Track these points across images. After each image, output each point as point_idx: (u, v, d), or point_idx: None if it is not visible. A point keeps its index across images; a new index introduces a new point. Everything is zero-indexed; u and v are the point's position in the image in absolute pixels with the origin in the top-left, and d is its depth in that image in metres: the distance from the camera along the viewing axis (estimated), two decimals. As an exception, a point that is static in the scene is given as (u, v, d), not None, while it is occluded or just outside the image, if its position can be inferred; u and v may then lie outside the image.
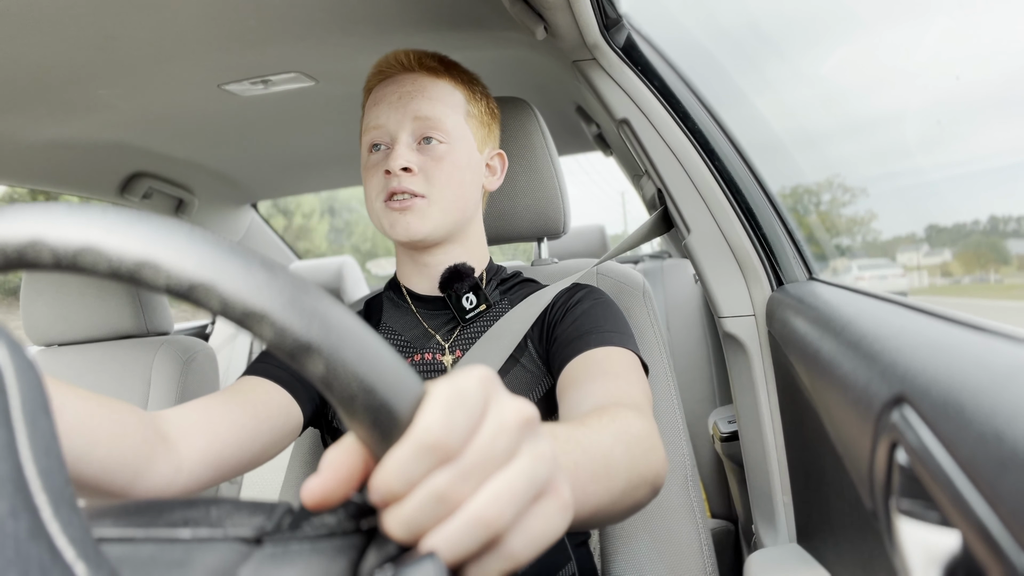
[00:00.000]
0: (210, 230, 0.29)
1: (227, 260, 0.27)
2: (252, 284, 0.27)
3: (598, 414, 0.59)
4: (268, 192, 2.22)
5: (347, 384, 0.28)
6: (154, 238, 0.27)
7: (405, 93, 0.88)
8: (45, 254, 0.26)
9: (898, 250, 5.93)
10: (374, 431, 0.29)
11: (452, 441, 0.29)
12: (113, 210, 0.28)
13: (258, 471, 1.85)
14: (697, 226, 0.96)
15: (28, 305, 1.40)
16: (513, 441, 0.31)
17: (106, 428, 0.56)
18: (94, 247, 0.26)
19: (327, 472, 0.30)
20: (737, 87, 1.53)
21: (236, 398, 0.74)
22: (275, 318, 0.27)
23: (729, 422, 1.42)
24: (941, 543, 0.38)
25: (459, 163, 0.89)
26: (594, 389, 0.71)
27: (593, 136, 1.76)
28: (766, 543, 0.92)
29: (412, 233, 0.86)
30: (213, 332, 2.37)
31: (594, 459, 0.49)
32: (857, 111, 25.84)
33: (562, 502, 0.32)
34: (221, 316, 0.27)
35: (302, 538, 0.30)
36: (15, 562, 0.23)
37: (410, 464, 0.28)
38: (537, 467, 0.31)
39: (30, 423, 0.26)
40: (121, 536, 0.29)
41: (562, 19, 0.87)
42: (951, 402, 0.39)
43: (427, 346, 0.91)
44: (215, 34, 1.00)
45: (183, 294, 0.26)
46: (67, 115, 1.25)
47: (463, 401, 0.30)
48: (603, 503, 0.50)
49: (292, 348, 0.27)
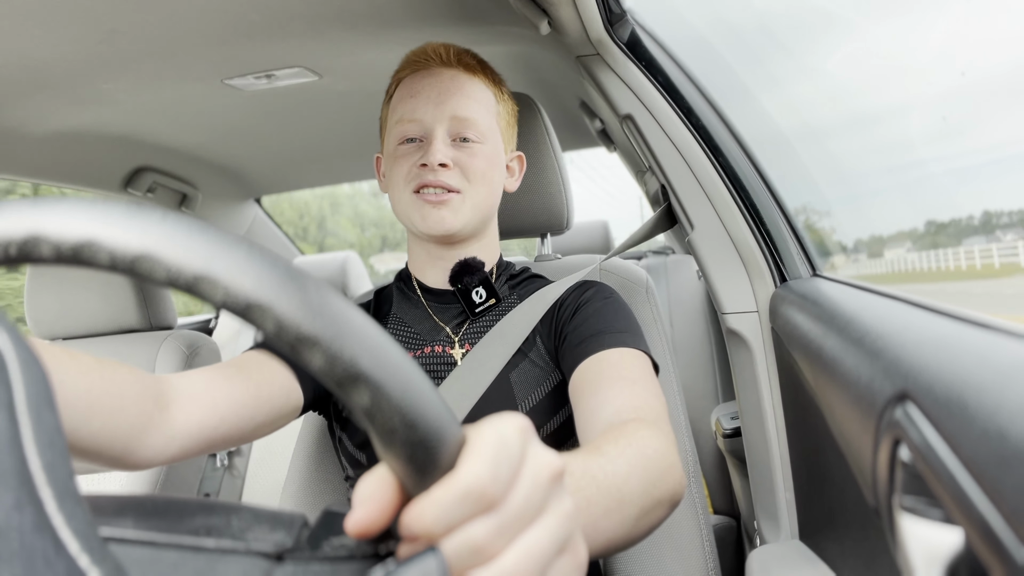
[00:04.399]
0: (214, 224, 0.29)
1: (287, 284, 0.27)
2: (306, 308, 0.27)
3: (615, 437, 0.59)
4: (272, 187, 2.22)
5: (390, 418, 0.28)
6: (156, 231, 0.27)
7: (444, 90, 0.88)
8: (45, 249, 0.26)
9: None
10: (410, 467, 0.29)
11: (496, 491, 0.29)
12: (113, 203, 0.28)
13: (267, 445, 1.85)
14: (701, 222, 0.96)
15: (32, 299, 1.41)
16: (546, 495, 0.31)
17: (104, 402, 0.56)
18: (95, 241, 0.26)
19: (368, 504, 0.30)
20: (742, 82, 1.53)
21: (240, 374, 0.74)
22: (327, 346, 0.27)
23: (732, 418, 1.42)
24: (944, 540, 0.38)
25: (491, 162, 0.90)
26: (611, 396, 0.71)
27: (597, 132, 1.76)
28: (768, 539, 0.92)
29: (447, 227, 0.87)
30: (217, 327, 2.38)
31: (608, 493, 0.49)
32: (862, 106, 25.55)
33: (578, 561, 0.33)
34: (276, 341, 0.27)
35: (322, 559, 0.30)
36: (20, 554, 0.23)
37: (452, 508, 0.28)
38: (564, 526, 0.32)
39: (35, 416, 0.26)
40: (143, 539, 0.29)
41: (566, 14, 0.86)
42: (954, 399, 0.39)
43: (437, 339, 0.91)
44: (219, 29, 1.00)
45: (240, 312, 0.27)
46: (71, 109, 1.25)
47: (507, 452, 0.30)
48: (616, 536, 0.51)
49: (340, 377, 0.27)
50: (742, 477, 1.34)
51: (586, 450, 0.55)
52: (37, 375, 0.27)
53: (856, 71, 13.20)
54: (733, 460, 1.46)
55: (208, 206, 1.99)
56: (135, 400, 0.60)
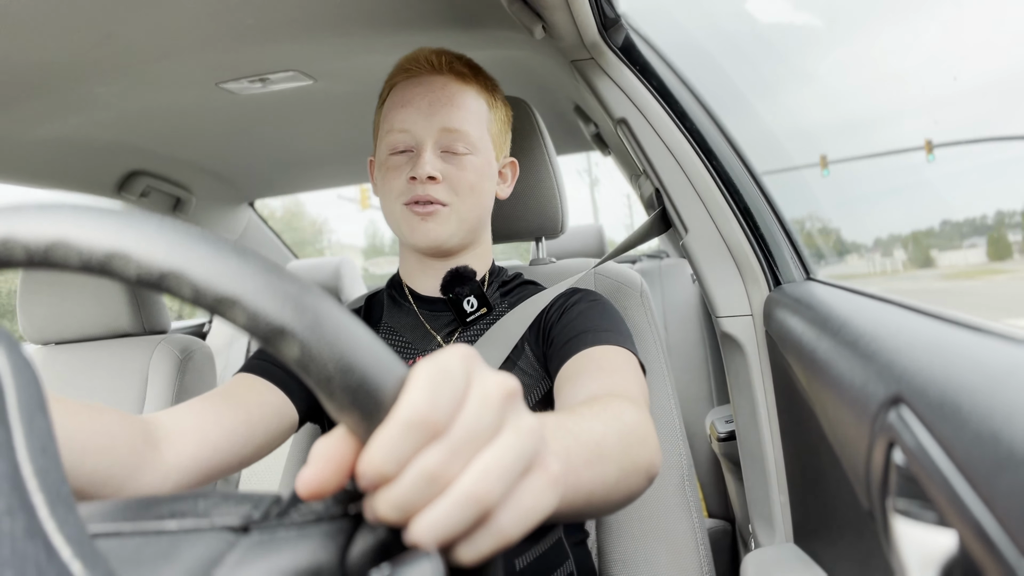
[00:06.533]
0: (208, 228, 0.29)
1: (197, 247, 0.27)
2: (223, 270, 0.27)
3: (589, 403, 0.59)
4: (266, 191, 2.21)
5: (323, 365, 0.27)
6: (123, 228, 0.27)
7: (435, 100, 0.88)
8: (17, 251, 0.27)
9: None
10: (354, 412, 0.28)
11: (439, 417, 0.28)
12: (81, 206, 0.28)
13: (256, 468, 1.85)
14: (695, 226, 0.96)
15: (25, 304, 1.40)
16: (498, 415, 0.30)
17: (94, 441, 0.56)
18: (64, 241, 0.26)
19: (319, 462, 0.29)
20: (735, 87, 1.54)
21: (229, 401, 0.74)
22: (247, 303, 0.27)
23: (726, 422, 1.42)
24: (938, 543, 0.38)
25: (481, 172, 0.90)
26: (588, 383, 0.71)
27: (591, 136, 1.76)
28: (763, 543, 0.92)
29: (432, 240, 0.87)
30: (211, 331, 2.37)
31: (586, 445, 0.49)
32: (854, 111, 25.44)
33: (550, 476, 0.32)
34: (194, 304, 0.27)
35: (289, 524, 0.29)
36: (11, 561, 0.23)
37: (397, 443, 0.28)
38: (524, 441, 0.31)
39: (27, 422, 0.26)
40: (108, 531, 0.29)
41: (560, 18, 0.87)
42: (948, 402, 0.39)
43: (428, 347, 0.91)
44: (213, 32, 1.00)
45: (154, 283, 0.26)
46: (65, 113, 1.24)
47: (446, 377, 0.29)
48: (596, 490, 0.49)
49: (266, 332, 0.27)
50: (736, 480, 1.34)
51: (560, 411, 0.54)
52: (29, 380, 0.27)
53: (848, 76, 13.21)
54: (727, 464, 1.46)
55: (202, 210, 1.99)
56: (125, 440, 0.60)
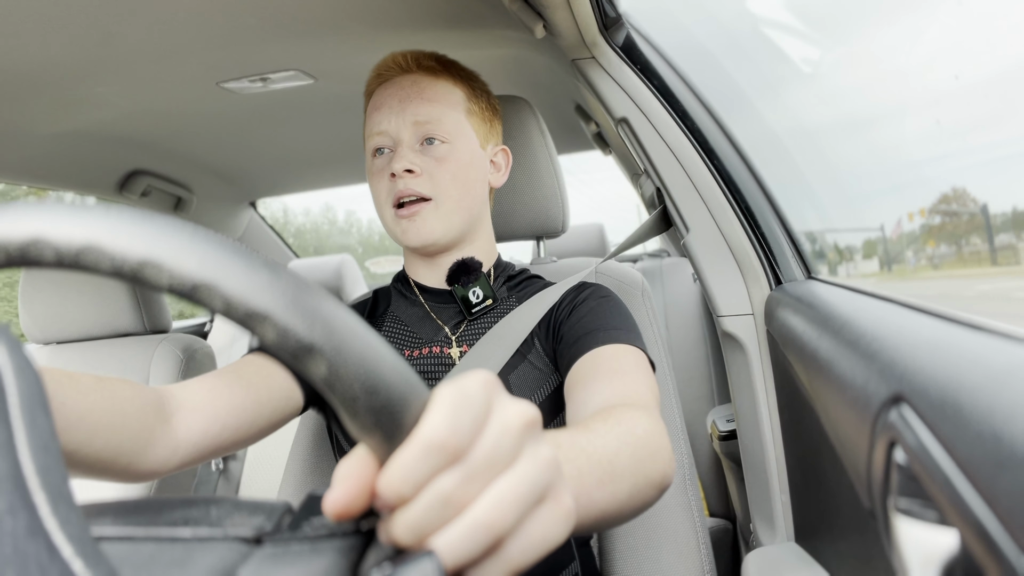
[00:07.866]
0: (209, 228, 0.29)
1: (230, 260, 0.27)
2: (255, 284, 0.27)
3: (603, 416, 0.59)
4: (267, 190, 2.22)
5: (349, 385, 0.27)
6: (158, 237, 0.27)
7: (405, 96, 0.88)
8: (48, 252, 0.26)
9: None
10: (376, 433, 0.28)
11: (458, 442, 0.29)
12: (116, 209, 0.27)
13: (258, 457, 1.85)
14: (696, 225, 0.96)
15: (27, 303, 1.40)
16: (516, 444, 0.31)
17: (106, 420, 0.56)
18: (97, 246, 0.26)
19: (345, 483, 0.29)
20: (737, 85, 1.53)
21: (240, 380, 0.75)
22: (277, 319, 0.26)
23: (727, 421, 1.42)
24: (939, 542, 0.38)
25: (462, 161, 0.89)
26: (601, 388, 0.71)
27: (592, 135, 1.76)
28: (764, 542, 0.92)
29: (423, 239, 0.88)
30: (212, 331, 2.37)
31: (599, 464, 0.49)
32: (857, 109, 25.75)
33: (563, 509, 0.32)
34: (224, 316, 0.27)
35: (302, 539, 0.30)
36: (13, 559, 0.23)
37: (416, 465, 0.28)
38: (540, 471, 0.31)
39: (29, 421, 0.26)
40: (122, 535, 0.29)
41: (561, 17, 0.87)
42: (949, 401, 0.39)
43: (435, 339, 0.91)
44: (214, 32, 1.00)
45: (186, 294, 0.26)
46: (66, 112, 1.25)
47: (468, 402, 0.30)
48: (609, 508, 0.50)
49: (295, 349, 0.27)
50: (738, 480, 1.34)
51: (573, 427, 0.54)
52: (31, 379, 0.27)
53: (850, 75, 13.25)
54: (729, 463, 1.46)
55: (203, 209, 1.99)
56: (136, 415, 0.60)
